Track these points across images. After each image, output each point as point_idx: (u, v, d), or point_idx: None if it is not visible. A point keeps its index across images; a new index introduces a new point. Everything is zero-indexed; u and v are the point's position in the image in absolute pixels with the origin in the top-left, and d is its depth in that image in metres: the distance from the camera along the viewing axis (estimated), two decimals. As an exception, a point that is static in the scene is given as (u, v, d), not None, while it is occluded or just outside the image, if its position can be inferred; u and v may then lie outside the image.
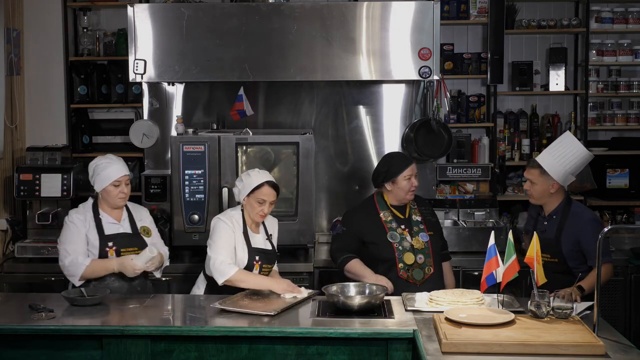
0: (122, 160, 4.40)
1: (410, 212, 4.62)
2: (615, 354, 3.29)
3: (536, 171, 4.35)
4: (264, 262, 4.38)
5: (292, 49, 5.24)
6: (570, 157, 4.32)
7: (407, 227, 4.56)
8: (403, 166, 4.55)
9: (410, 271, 4.46)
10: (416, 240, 4.52)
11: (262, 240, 4.43)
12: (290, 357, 3.71)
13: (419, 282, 4.45)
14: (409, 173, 4.54)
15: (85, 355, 3.73)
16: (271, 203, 4.33)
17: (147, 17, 5.22)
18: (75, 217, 4.30)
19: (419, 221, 4.59)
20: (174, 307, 4.12)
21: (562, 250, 4.28)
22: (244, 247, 4.32)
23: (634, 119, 6.02)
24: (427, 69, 5.24)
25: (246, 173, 4.40)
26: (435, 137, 5.61)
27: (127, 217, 4.41)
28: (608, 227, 3.56)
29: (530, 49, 6.15)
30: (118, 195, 4.30)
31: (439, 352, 3.31)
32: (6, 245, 5.52)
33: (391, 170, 4.56)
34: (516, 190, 6.01)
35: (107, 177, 4.28)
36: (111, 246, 4.28)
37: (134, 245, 4.34)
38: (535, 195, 4.39)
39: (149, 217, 4.56)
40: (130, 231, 4.38)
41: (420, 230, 4.56)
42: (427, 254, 4.51)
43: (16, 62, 5.68)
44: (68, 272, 4.23)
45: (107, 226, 4.32)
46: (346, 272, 4.53)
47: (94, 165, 4.35)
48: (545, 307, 3.66)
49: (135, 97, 5.88)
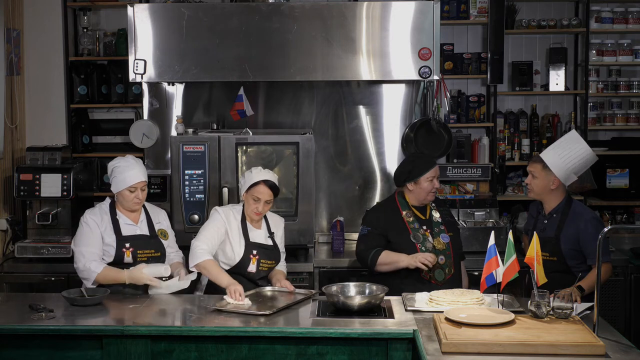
0: (141, 164, 4.38)
1: (430, 213, 4.62)
2: (615, 354, 3.29)
3: (539, 165, 4.36)
4: (263, 257, 4.40)
5: (292, 49, 5.24)
6: (573, 155, 4.32)
7: (428, 227, 4.56)
8: (427, 167, 4.56)
9: (432, 272, 4.46)
10: (437, 241, 4.52)
11: (262, 236, 4.46)
12: (290, 357, 3.71)
13: (440, 283, 4.45)
14: (432, 175, 4.55)
15: (85, 355, 3.73)
16: (267, 202, 4.37)
17: (147, 17, 5.22)
18: (89, 219, 4.29)
19: (439, 222, 4.59)
20: (174, 307, 4.12)
21: (562, 249, 4.28)
22: (241, 240, 4.37)
23: (634, 119, 6.02)
24: (427, 69, 5.24)
25: (250, 170, 4.46)
26: (435, 137, 5.61)
27: (145, 219, 4.41)
28: (608, 227, 3.55)
29: (530, 49, 6.14)
30: (133, 200, 4.30)
31: (439, 352, 3.31)
32: (6, 245, 5.52)
33: (415, 170, 4.55)
34: (516, 190, 6.01)
35: (124, 182, 4.27)
36: (128, 247, 4.27)
37: (150, 247, 4.34)
38: (535, 189, 4.38)
39: (166, 219, 4.57)
40: (148, 233, 4.38)
41: (441, 231, 4.56)
42: (447, 254, 4.51)
43: (16, 62, 5.68)
44: (81, 275, 4.24)
45: (124, 227, 4.32)
46: (379, 265, 4.47)
47: (113, 165, 4.34)
48: (545, 307, 3.66)
49: (135, 97, 5.88)
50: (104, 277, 4.19)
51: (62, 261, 5.17)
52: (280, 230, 4.57)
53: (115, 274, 4.20)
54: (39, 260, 5.24)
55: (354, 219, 5.63)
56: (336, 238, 5.41)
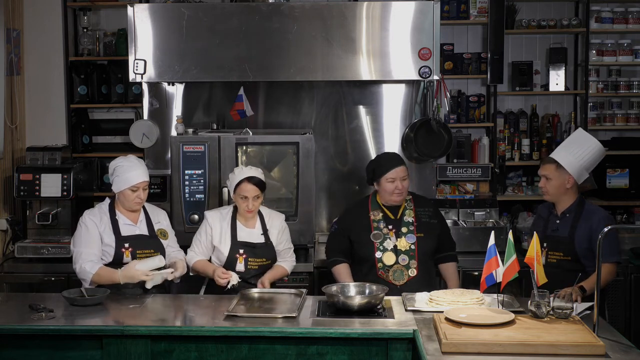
0: (143, 164, 4.38)
1: (402, 213, 4.60)
2: (615, 354, 3.29)
3: (552, 166, 4.33)
4: (251, 256, 4.43)
5: (292, 49, 5.24)
6: (585, 151, 4.32)
7: (394, 227, 4.54)
8: (387, 168, 4.52)
9: (389, 271, 4.46)
10: (401, 241, 4.51)
11: (255, 235, 4.48)
12: (290, 357, 3.71)
13: (399, 284, 4.44)
14: (393, 176, 4.50)
15: (85, 355, 3.73)
16: (255, 198, 4.40)
17: (147, 17, 5.22)
18: (87, 219, 4.29)
19: (409, 222, 4.56)
20: (174, 307, 4.11)
21: (576, 249, 4.27)
22: (227, 240, 4.44)
23: (634, 119, 6.02)
24: (427, 69, 5.24)
25: (232, 171, 4.52)
26: (435, 137, 5.61)
27: (144, 219, 4.41)
28: (608, 227, 3.55)
29: (530, 49, 6.14)
30: (134, 200, 4.30)
31: (439, 352, 3.31)
32: (6, 245, 5.53)
33: (377, 170, 4.56)
34: (516, 190, 6.01)
35: (126, 181, 4.27)
36: (127, 247, 4.27)
37: (150, 247, 4.34)
38: (551, 190, 4.35)
39: (166, 219, 4.57)
40: (147, 233, 4.38)
41: (409, 232, 4.54)
42: (411, 255, 4.49)
43: (16, 62, 5.68)
44: (79, 276, 4.25)
45: (123, 227, 4.31)
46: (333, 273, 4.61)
47: (114, 165, 4.33)
48: (545, 307, 3.66)
49: (135, 97, 5.88)
50: (99, 277, 4.18)
51: (62, 261, 5.17)
52: (277, 228, 4.57)
53: (109, 274, 4.19)
54: (39, 260, 5.24)
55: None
56: (336, 238, 5.41)
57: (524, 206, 5.91)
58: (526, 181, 6.07)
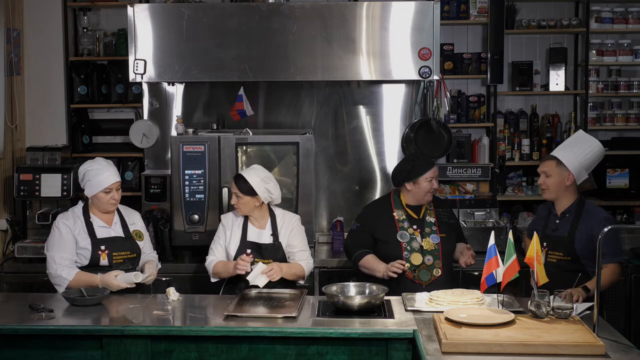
0: (112, 165, 4.39)
1: (425, 213, 4.62)
2: (615, 354, 3.29)
3: (552, 162, 4.33)
4: (257, 256, 4.42)
5: (292, 49, 5.24)
6: (586, 151, 4.33)
7: (419, 227, 4.56)
8: (426, 167, 4.56)
9: (416, 272, 4.46)
10: (426, 241, 4.52)
11: (264, 235, 4.49)
12: (290, 357, 3.71)
13: (425, 283, 4.45)
14: (431, 175, 4.55)
15: (85, 355, 3.73)
16: (235, 195, 4.43)
17: (147, 17, 5.22)
18: (61, 223, 4.30)
19: (432, 222, 4.59)
20: (174, 307, 4.11)
21: (576, 248, 4.27)
22: (237, 240, 4.45)
23: (634, 119, 6.02)
24: (427, 69, 5.24)
25: None
26: (435, 137, 5.61)
27: (119, 221, 4.41)
28: (608, 227, 3.55)
29: (530, 49, 6.14)
30: (109, 202, 4.31)
31: (439, 352, 3.31)
32: (6, 245, 5.53)
33: (414, 170, 4.56)
34: (516, 190, 6.01)
35: (98, 184, 4.27)
36: (103, 250, 4.27)
37: (126, 249, 4.34)
38: (551, 187, 4.34)
39: (140, 220, 4.56)
40: (123, 235, 4.38)
41: (432, 232, 4.56)
42: (436, 255, 4.51)
43: (16, 62, 5.68)
44: (53, 281, 4.26)
45: (98, 230, 4.32)
46: (361, 267, 4.55)
47: (84, 170, 4.33)
48: (545, 307, 3.66)
49: (135, 97, 5.88)
50: (77, 282, 4.18)
51: (62, 261, 5.17)
52: (287, 228, 4.53)
53: (88, 278, 4.19)
54: (39, 260, 5.23)
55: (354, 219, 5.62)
56: (336, 238, 5.42)
57: (524, 206, 5.91)
58: (526, 181, 6.07)
